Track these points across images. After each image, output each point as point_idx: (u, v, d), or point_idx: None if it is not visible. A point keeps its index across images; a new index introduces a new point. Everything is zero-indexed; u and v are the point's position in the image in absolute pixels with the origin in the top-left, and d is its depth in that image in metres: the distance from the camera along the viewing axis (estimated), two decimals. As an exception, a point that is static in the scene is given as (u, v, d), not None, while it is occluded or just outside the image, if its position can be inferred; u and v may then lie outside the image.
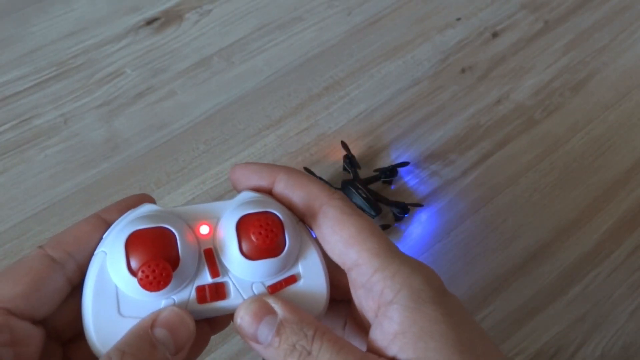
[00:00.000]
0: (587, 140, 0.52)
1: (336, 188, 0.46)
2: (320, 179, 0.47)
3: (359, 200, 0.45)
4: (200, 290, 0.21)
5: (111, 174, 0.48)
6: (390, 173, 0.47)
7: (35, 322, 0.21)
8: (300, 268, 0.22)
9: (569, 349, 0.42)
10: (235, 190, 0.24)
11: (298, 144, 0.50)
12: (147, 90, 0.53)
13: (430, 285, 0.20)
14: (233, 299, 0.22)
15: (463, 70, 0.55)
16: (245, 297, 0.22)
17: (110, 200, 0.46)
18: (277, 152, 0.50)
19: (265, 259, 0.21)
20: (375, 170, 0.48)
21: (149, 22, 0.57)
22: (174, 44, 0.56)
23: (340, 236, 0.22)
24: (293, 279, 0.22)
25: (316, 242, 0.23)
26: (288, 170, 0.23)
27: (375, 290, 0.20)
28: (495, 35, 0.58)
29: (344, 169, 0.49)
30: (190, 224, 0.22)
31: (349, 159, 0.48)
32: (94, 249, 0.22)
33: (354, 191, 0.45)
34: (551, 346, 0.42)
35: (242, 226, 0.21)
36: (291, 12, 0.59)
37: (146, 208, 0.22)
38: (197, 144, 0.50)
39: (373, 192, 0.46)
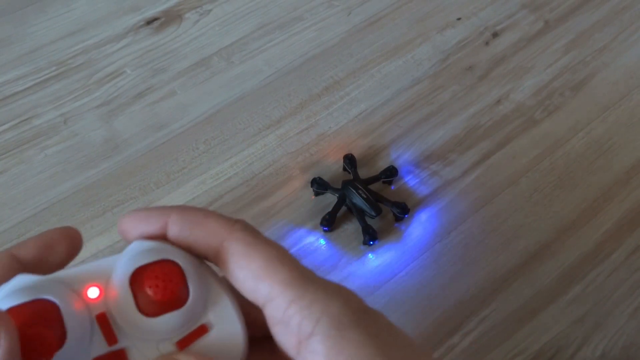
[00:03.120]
0: (588, 140, 0.52)
1: (336, 188, 0.46)
2: (321, 179, 0.47)
3: (359, 200, 0.45)
4: None
5: (111, 174, 0.48)
6: (391, 173, 0.47)
7: None
8: (210, 316, 0.20)
9: (569, 349, 0.42)
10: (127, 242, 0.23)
11: (298, 144, 0.50)
12: (147, 90, 0.53)
13: (350, 308, 0.19)
14: None
15: (463, 70, 0.55)
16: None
17: (110, 201, 0.47)
18: (277, 152, 0.50)
19: (167, 312, 0.19)
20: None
21: (149, 22, 0.57)
22: (173, 43, 0.56)
23: (248, 270, 0.20)
24: (204, 330, 0.20)
25: (226, 282, 0.21)
26: (180, 209, 0.21)
27: (293, 323, 0.19)
28: (495, 35, 0.58)
29: (344, 169, 0.49)
30: (75, 288, 0.19)
31: (349, 159, 0.48)
32: None
33: (354, 191, 0.45)
34: (551, 346, 0.42)
35: (136, 280, 0.19)
36: (291, 12, 0.59)
37: (20, 280, 0.19)
38: (197, 144, 0.50)
39: (373, 192, 0.46)
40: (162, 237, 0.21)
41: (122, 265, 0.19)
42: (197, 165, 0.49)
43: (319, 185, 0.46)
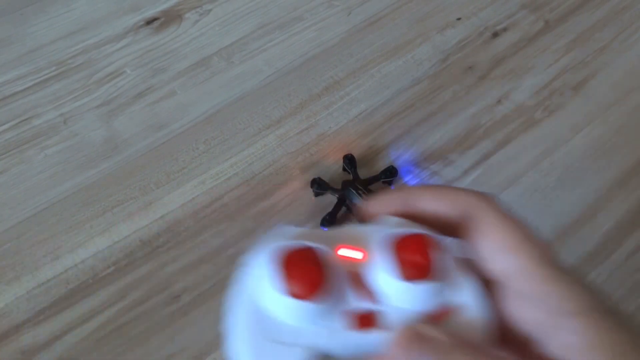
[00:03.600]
0: (588, 141, 0.52)
1: (336, 189, 0.46)
2: (321, 179, 0.46)
3: (359, 200, 0.44)
4: (349, 315, 0.20)
5: (111, 174, 0.48)
6: (390, 173, 0.47)
7: None
8: (457, 295, 0.21)
9: (569, 349, 0.42)
10: (370, 221, 0.24)
11: (298, 144, 0.50)
12: (147, 90, 0.53)
13: (601, 299, 0.20)
14: (386, 328, 0.20)
15: (463, 70, 0.55)
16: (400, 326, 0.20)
17: (110, 201, 0.46)
18: (277, 152, 0.50)
19: (422, 281, 0.20)
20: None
21: (149, 22, 0.57)
22: (173, 43, 0.56)
23: (502, 241, 0.20)
24: (451, 308, 0.20)
25: (469, 262, 0.22)
26: (425, 187, 0.22)
27: (548, 300, 0.19)
28: (495, 35, 0.58)
29: (344, 169, 0.49)
30: (335, 246, 0.21)
31: (349, 159, 0.48)
32: None
33: (354, 191, 0.45)
34: (551, 346, 0.42)
35: (397, 248, 0.20)
36: (291, 12, 0.59)
37: (287, 229, 0.22)
38: (197, 144, 0.50)
39: (373, 192, 0.46)
40: (408, 216, 0.22)
41: (382, 234, 0.21)
42: (197, 165, 0.49)
43: (319, 186, 0.46)
